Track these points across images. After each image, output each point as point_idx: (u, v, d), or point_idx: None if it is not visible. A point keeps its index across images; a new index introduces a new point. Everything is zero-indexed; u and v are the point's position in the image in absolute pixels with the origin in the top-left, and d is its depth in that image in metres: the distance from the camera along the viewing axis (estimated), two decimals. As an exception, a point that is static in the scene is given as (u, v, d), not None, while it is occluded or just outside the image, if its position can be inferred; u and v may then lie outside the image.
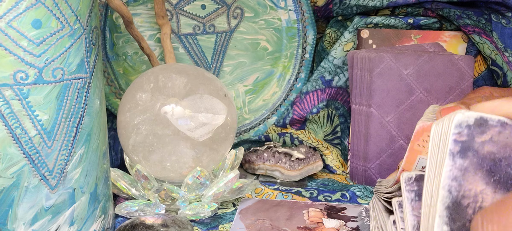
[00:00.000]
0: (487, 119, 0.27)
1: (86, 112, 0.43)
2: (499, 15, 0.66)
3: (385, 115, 0.61)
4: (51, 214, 0.42)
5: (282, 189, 0.62)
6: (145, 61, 0.70)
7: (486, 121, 0.27)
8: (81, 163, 0.43)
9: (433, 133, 0.29)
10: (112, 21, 0.68)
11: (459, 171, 0.27)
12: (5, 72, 0.38)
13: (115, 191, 0.56)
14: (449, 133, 0.27)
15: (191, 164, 0.56)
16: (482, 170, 0.27)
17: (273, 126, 0.72)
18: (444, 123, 0.28)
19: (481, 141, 0.26)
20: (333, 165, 0.70)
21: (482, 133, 0.27)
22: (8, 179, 0.40)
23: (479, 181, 0.27)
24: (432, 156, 0.29)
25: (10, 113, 0.39)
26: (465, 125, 0.26)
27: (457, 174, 0.27)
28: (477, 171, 0.27)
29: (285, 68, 0.73)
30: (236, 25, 0.72)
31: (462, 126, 0.26)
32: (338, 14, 0.71)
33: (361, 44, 0.68)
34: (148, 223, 0.47)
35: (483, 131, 0.27)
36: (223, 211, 0.56)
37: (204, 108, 0.55)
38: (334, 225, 0.51)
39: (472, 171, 0.27)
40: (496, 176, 0.27)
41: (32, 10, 0.38)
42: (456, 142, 0.26)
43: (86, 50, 0.42)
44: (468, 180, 0.27)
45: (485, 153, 0.27)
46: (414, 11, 0.69)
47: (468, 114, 0.27)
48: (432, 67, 0.60)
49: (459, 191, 0.27)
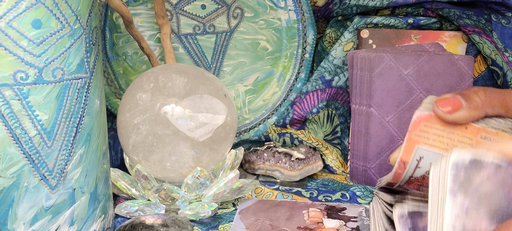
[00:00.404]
0: (482, 160, 0.27)
1: (86, 112, 0.43)
2: (499, 15, 0.66)
3: (385, 115, 0.61)
4: (51, 214, 0.42)
5: (282, 189, 0.62)
6: (145, 61, 0.70)
7: (480, 161, 0.27)
8: (81, 163, 0.43)
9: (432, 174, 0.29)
10: (112, 21, 0.68)
11: (461, 208, 0.27)
12: (5, 72, 0.38)
13: (115, 191, 0.56)
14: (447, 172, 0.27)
15: (191, 164, 0.56)
16: (483, 208, 0.27)
17: (273, 126, 0.72)
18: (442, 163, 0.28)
19: (480, 180, 0.27)
20: (333, 165, 0.70)
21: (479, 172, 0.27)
22: (8, 179, 0.40)
23: (482, 219, 0.27)
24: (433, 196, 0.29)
25: (10, 114, 0.39)
26: (462, 165, 0.27)
27: (460, 212, 0.27)
28: (479, 209, 0.27)
29: (285, 68, 0.73)
30: (236, 25, 0.72)
31: (458, 166, 0.27)
32: (338, 14, 0.71)
33: (361, 44, 0.68)
34: (148, 223, 0.47)
35: (479, 170, 0.27)
36: (223, 211, 0.56)
37: (204, 108, 0.55)
38: (334, 225, 0.51)
39: (474, 209, 0.27)
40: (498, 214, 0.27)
41: (32, 10, 0.38)
42: (455, 181, 0.27)
43: (86, 50, 0.42)
44: (471, 218, 0.27)
45: (484, 191, 0.27)
46: (414, 11, 0.69)
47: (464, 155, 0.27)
48: (432, 67, 0.60)
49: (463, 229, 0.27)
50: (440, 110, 0.36)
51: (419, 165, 0.36)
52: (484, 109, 0.36)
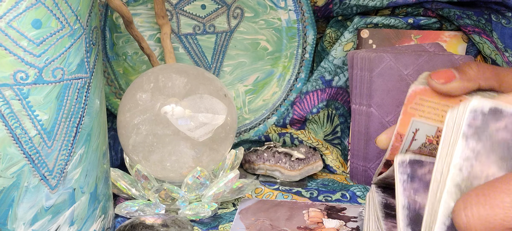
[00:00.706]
0: (502, 109, 0.27)
1: (86, 112, 0.43)
2: (499, 15, 0.66)
3: (385, 115, 0.61)
4: (51, 214, 0.42)
5: (282, 189, 0.62)
6: (145, 61, 0.70)
7: (501, 110, 0.27)
8: (81, 163, 0.43)
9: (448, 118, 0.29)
10: (112, 21, 0.68)
11: (471, 152, 0.27)
12: (5, 72, 0.38)
13: (115, 191, 0.56)
14: (463, 117, 0.27)
15: (191, 164, 0.56)
16: (495, 155, 0.27)
17: (273, 126, 0.72)
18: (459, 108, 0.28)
19: (496, 128, 0.27)
20: (333, 165, 0.70)
21: (496, 121, 0.27)
22: (8, 179, 0.40)
23: (491, 165, 0.27)
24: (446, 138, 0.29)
25: (10, 113, 0.39)
26: (480, 111, 0.27)
27: (470, 155, 0.27)
28: (489, 155, 0.27)
29: (285, 68, 0.73)
30: (236, 25, 0.72)
31: (476, 111, 0.27)
32: (338, 14, 0.71)
33: (361, 44, 0.68)
34: (148, 223, 0.47)
35: (497, 118, 0.27)
36: (223, 211, 0.56)
37: (204, 108, 0.55)
38: (334, 225, 0.51)
39: (485, 154, 0.27)
40: (509, 162, 0.27)
41: (32, 10, 0.38)
42: (470, 126, 0.27)
43: (86, 50, 0.42)
44: (480, 162, 0.27)
45: (499, 139, 0.27)
46: (414, 11, 0.69)
47: (484, 102, 0.27)
48: (432, 67, 0.60)
49: (470, 171, 0.27)
50: (434, 82, 0.37)
51: (415, 137, 0.37)
52: (478, 81, 0.37)
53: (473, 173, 0.27)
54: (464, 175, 0.27)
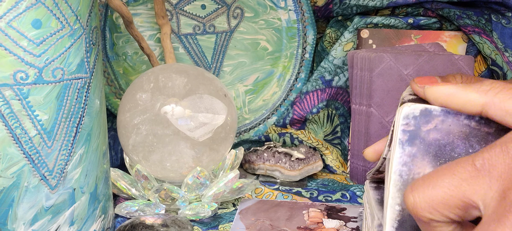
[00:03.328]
0: (431, 110, 0.29)
1: (86, 112, 0.43)
2: (499, 15, 0.66)
3: (385, 115, 0.61)
4: (51, 214, 0.42)
5: (282, 189, 0.62)
6: (145, 61, 0.70)
7: (430, 111, 0.29)
8: (81, 163, 0.43)
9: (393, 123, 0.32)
10: (112, 21, 0.68)
11: (408, 157, 0.29)
12: (5, 72, 0.38)
13: (115, 191, 0.56)
14: (398, 123, 0.30)
15: (191, 164, 0.56)
16: (429, 155, 0.29)
17: (273, 126, 0.72)
18: (396, 115, 0.31)
19: (427, 130, 0.29)
20: (333, 165, 0.70)
21: (427, 123, 0.29)
22: (8, 179, 0.40)
23: (426, 165, 0.29)
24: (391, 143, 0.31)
25: (10, 114, 0.39)
26: (412, 116, 0.29)
27: (407, 160, 0.29)
28: (424, 156, 0.29)
29: (285, 68, 0.73)
30: (236, 25, 0.72)
31: (409, 117, 0.29)
32: (338, 14, 0.71)
33: (361, 44, 0.68)
34: (148, 223, 0.47)
35: (428, 120, 0.29)
36: (223, 211, 0.56)
37: (204, 108, 0.55)
38: (334, 225, 0.51)
39: (420, 157, 0.29)
40: (442, 159, 0.29)
41: (32, 10, 0.38)
42: (405, 131, 0.29)
43: (86, 50, 0.42)
44: (416, 165, 0.29)
45: (430, 140, 0.29)
46: (414, 11, 0.69)
47: (414, 106, 0.29)
48: (432, 67, 0.60)
49: (409, 175, 0.30)
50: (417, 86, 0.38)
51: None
52: None
53: (412, 176, 0.29)
54: (404, 180, 0.30)
